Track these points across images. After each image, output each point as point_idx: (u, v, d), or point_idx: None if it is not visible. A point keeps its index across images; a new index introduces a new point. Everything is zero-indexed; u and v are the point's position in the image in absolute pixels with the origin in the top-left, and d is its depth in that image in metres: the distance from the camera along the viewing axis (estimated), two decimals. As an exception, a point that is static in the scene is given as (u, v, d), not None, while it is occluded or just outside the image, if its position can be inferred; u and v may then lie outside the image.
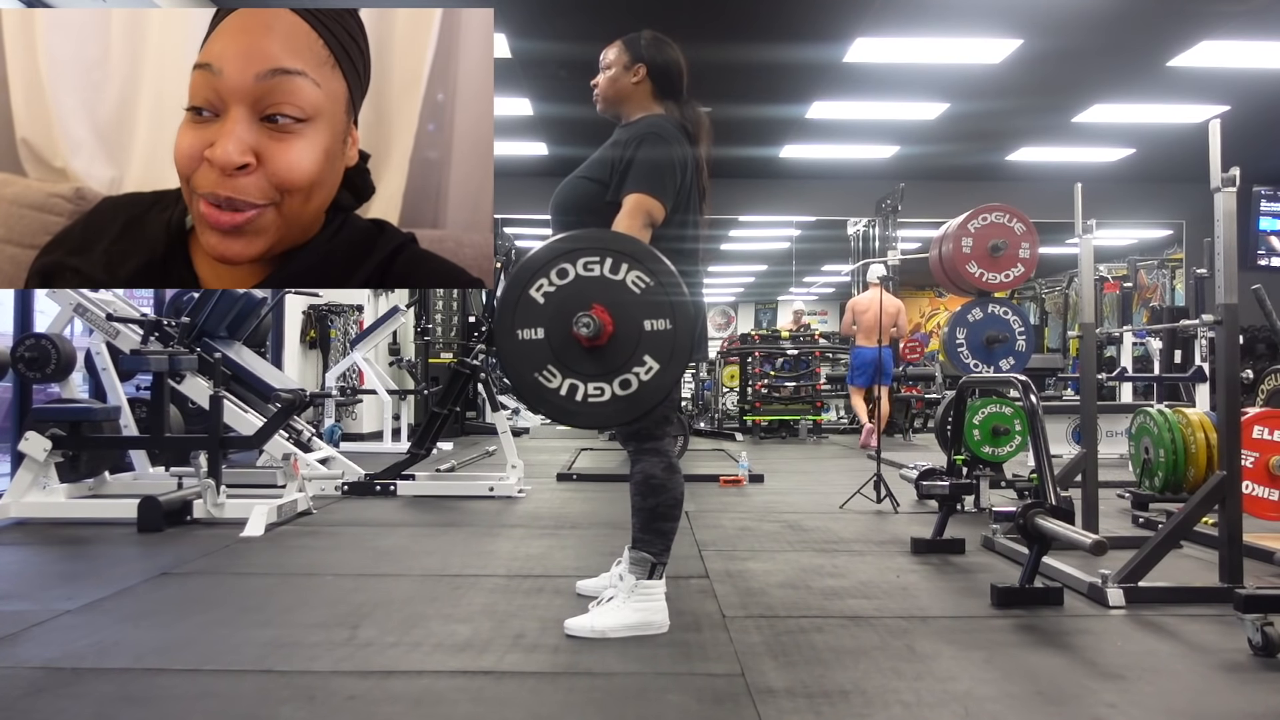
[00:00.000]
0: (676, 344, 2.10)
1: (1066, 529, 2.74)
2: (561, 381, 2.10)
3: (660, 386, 2.11)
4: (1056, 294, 15.99)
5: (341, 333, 9.20)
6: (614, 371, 2.09)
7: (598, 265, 2.09)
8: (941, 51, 7.22)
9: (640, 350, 2.09)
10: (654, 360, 2.09)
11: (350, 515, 4.49)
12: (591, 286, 2.09)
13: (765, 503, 4.99)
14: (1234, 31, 6.79)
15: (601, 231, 2.21)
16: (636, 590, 2.43)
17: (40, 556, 3.57)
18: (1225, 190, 2.72)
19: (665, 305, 2.10)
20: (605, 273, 2.09)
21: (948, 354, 4.93)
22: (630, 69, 2.57)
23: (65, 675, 2.08)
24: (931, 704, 1.95)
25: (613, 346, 2.08)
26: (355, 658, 2.22)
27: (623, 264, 2.09)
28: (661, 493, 2.43)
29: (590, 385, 2.10)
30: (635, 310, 2.10)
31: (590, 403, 2.11)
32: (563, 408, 2.12)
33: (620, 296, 2.09)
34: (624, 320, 2.09)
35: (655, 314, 2.09)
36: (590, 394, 2.10)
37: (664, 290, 2.10)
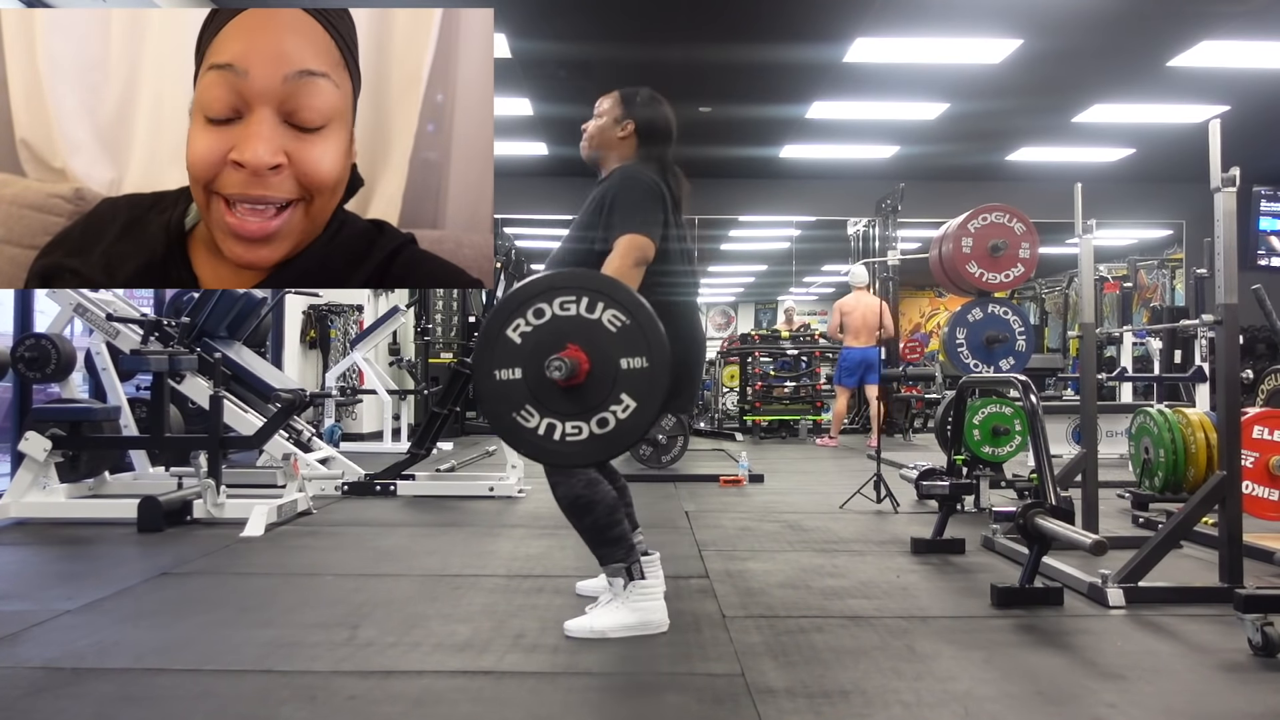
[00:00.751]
0: (654, 382, 2.10)
1: (1066, 529, 2.74)
2: (539, 421, 2.11)
3: (638, 425, 2.11)
4: (1056, 294, 15.98)
5: (341, 333, 9.20)
6: (591, 410, 2.09)
7: (574, 305, 2.09)
8: (941, 51, 7.22)
9: (617, 389, 2.08)
10: (630, 399, 2.09)
11: (350, 515, 4.49)
12: (568, 326, 2.09)
13: (765, 503, 4.99)
14: (1234, 31, 6.79)
15: (578, 271, 2.22)
16: (632, 591, 2.44)
17: (40, 556, 3.57)
18: (1225, 190, 2.72)
19: (642, 343, 2.09)
20: (581, 312, 2.09)
21: (948, 354, 4.93)
22: (620, 123, 2.60)
23: (65, 675, 2.08)
24: (931, 704, 1.95)
25: (589, 385, 2.08)
26: (355, 658, 2.23)
27: (599, 303, 2.09)
28: (593, 508, 2.42)
29: (568, 424, 2.10)
30: (612, 349, 2.09)
31: (568, 441, 2.11)
32: (541, 446, 2.13)
33: (596, 335, 2.09)
34: (600, 359, 2.08)
35: (632, 352, 2.08)
36: (568, 433, 2.10)
37: (640, 329, 2.09)
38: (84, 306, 4.71)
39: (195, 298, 5.35)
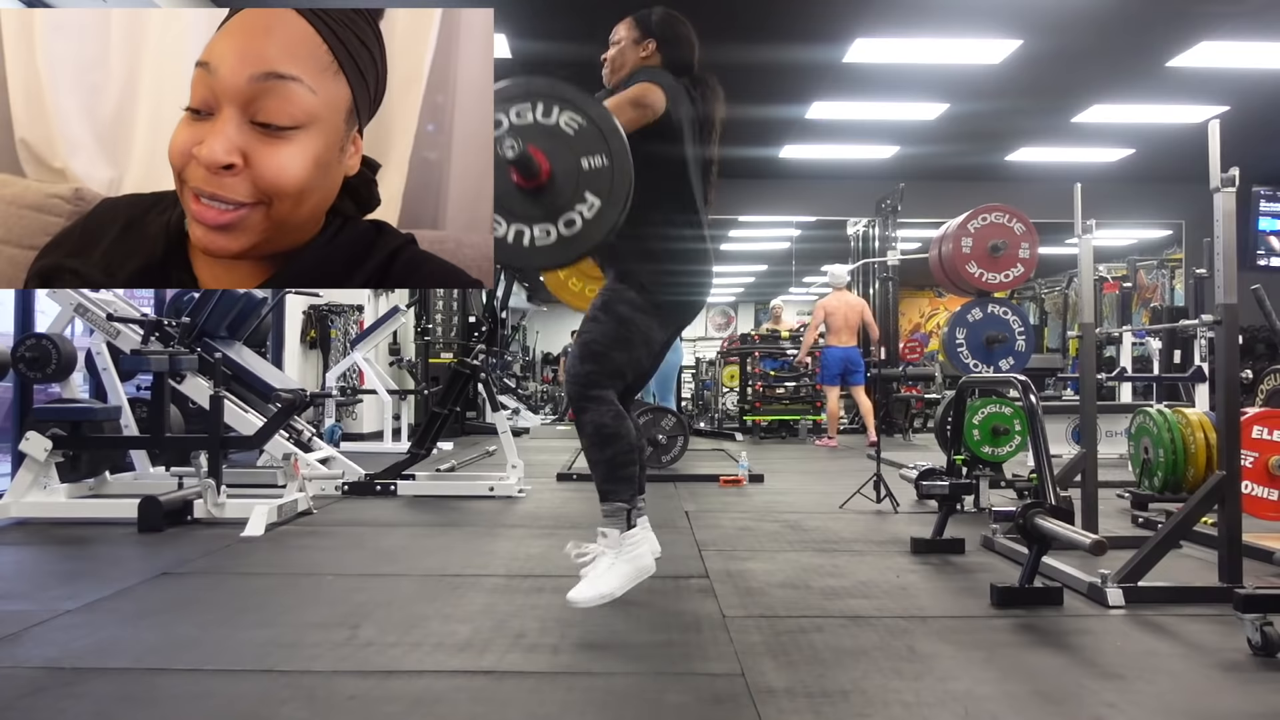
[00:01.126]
0: (615, 179, 2.11)
1: (1066, 529, 2.74)
2: (508, 229, 2.11)
3: (604, 222, 2.12)
4: (1056, 294, 15.98)
5: (342, 333, 9.21)
6: (557, 212, 2.11)
7: (529, 111, 2.10)
8: (941, 52, 7.22)
9: (581, 188, 2.10)
10: (595, 197, 2.10)
11: (350, 515, 4.49)
12: (526, 133, 2.09)
13: (765, 503, 4.99)
14: (1233, 32, 6.80)
15: (530, 78, 2.19)
16: (624, 545, 2.46)
17: (40, 556, 3.57)
18: (1225, 190, 2.72)
19: (600, 142, 2.10)
20: (538, 118, 2.10)
21: (948, 354, 4.93)
22: (640, 44, 2.58)
23: (65, 675, 2.08)
24: (931, 704, 1.95)
25: (552, 188, 2.09)
26: (355, 658, 2.23)
27: (554, 107, 2.10)
28: (616, 440, 2.44)
29: (536, 229, 2.11)
30: (571, 150, 2.10)
31: (538, 247, 2.12)
32: (514, 253, 2.13)
33: (555, 138, 2.10)
34: (561, 160, 2.10)
35: (591, 150, 2.10)
36: (537, 237, 2.12)
37: (597, 127, 2.10)
38: (84, 306, 4.71)
39: (195, 298, 5.35)
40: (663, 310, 2.60)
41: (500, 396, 7.56)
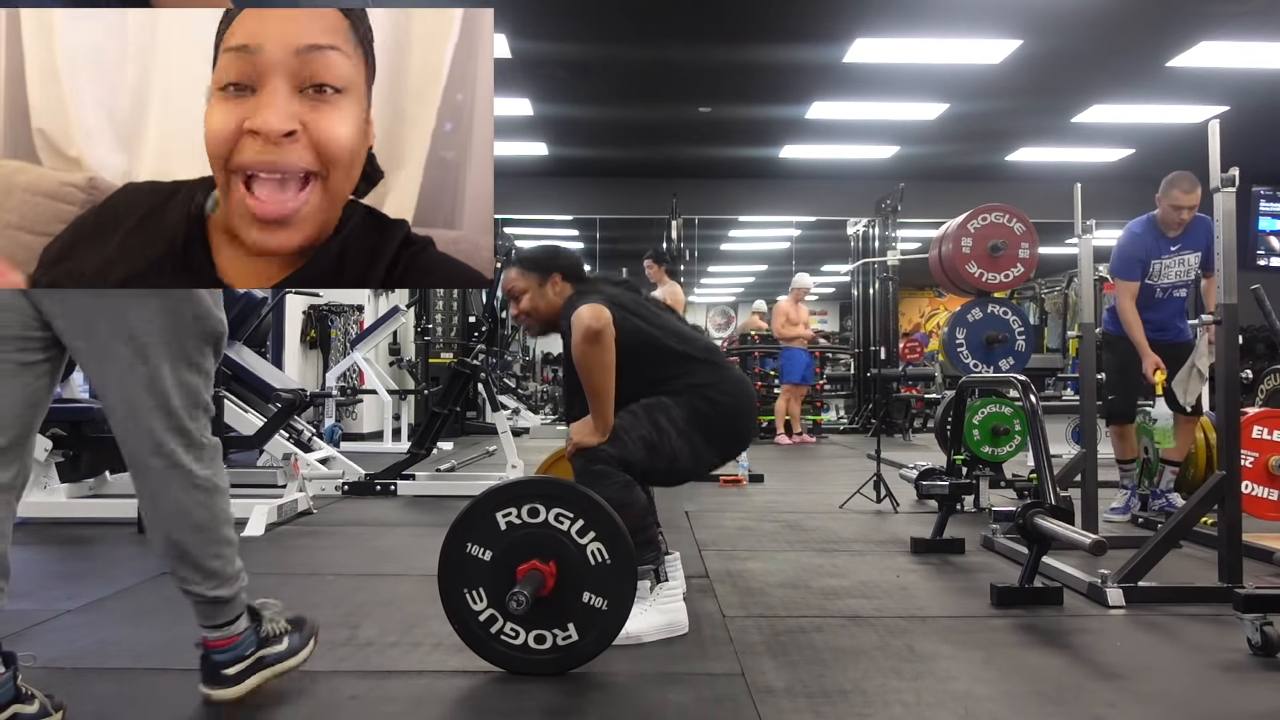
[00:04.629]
0: (606, 627, 2.08)
1: (1066, 529, 2.75)
2: (484, 608, 2.09)
3: (569, 659, 2.09)
4: (1056, 294, 15.97)
5: (342, 333, 9.21)
6: (535, 625, 2.07)
7: (568, 521, 2.08)
8: (941, 51, 7.22)
9: (568, 619, 2.07)
10: (576, 633, 2.07)
11: (350, 515, 4.49)
12: (552, 540, 2.07)
13: (765, 502, 5.00)
14: (1233, 32, 6.80)
15: (589, 494, 2.16)
16: (660, 594, 2.44)
17: (41, 556, 3.57)
18: (1225, 190, 2.72)
19: (614, 586, 2.07)
20: (571, 531, 2.08)
21: (948, 354, 4.93)
22: (546, 282, 2.57)
23: (65, 675, 2.08)
24: (931, 704, 1.95)
25: (545, 603, 2.05)
26: (355, 657, 2.23)
27: (590, 532, 2.07)
28: (627, 510, 2.35)
29: (508, 625, 2.08)
30: (582, 580, 2.07)
31: (501, 639, 2.09)
32: (472, 631, 2.10)
33: (575, 562, 2.07)
34: (566, 583, 2.06)
35: (599, 591, 2.07)
36: (505, 631, 2.09)
37: (617, 573, 2.07)
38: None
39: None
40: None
41: (500, 396, 7.57)
